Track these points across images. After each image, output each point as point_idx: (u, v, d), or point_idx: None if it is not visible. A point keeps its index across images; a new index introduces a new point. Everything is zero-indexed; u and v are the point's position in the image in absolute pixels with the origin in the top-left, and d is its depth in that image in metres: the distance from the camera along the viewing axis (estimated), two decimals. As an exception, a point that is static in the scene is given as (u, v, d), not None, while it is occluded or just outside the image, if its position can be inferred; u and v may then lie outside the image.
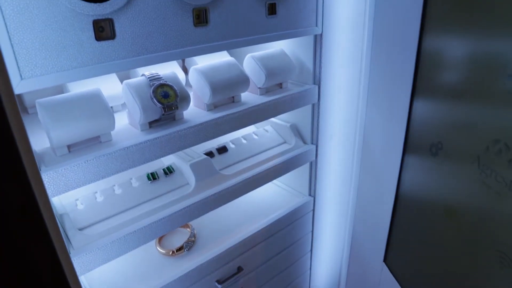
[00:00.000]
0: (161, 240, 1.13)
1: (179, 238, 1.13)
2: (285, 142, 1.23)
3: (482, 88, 0.80)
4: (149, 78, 0.86)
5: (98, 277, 1.00)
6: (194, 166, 0.97)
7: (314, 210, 1.33)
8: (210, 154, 1.06)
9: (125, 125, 0.90)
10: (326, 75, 1.12)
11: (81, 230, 0.83)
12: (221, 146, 1.11)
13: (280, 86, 1.13)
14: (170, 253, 1.06)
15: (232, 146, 1.13)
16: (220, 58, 1.04)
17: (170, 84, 0.87)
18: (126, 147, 0.79)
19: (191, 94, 0.95)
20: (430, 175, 1.02)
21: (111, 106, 0.98)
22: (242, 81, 1.00)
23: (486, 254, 0.87)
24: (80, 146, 0.79)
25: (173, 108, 0.86)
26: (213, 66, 0.98)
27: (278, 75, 1.07)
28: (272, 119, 1.26)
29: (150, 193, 0.93)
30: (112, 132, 0.83)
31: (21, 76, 0.63)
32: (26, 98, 1.01)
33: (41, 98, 0.76)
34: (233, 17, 0.87)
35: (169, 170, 0.98)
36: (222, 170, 1.05)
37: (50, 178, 0.71)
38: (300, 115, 1.21)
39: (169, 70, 0.93)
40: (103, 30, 0.70)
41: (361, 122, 1.22)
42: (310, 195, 1.31)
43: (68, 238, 0.79)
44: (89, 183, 0.76)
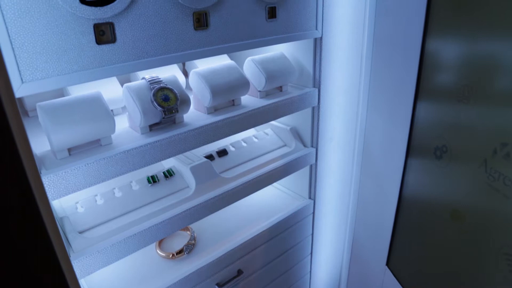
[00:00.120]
0: (161, 243, 1.13)
1: (179, 241, 1.13)
2: (285, 145, 1.23)
3: (489, 90, 0.80)
4: (149, 81, 0.87)
5: (98, 280, 1.00)
6: (194, 169, 0.97)
7: (314, 213, 1.33)
8: (210, 157, 1.06)
9: (125, 128, 0.90)
10: (326, 78, 1.13)
11: (81, 233, 0.83)
12: (221, 149, 1.11)
13: (280, 89, 1.13)
14: (170, 256, 1.06)
15: (232, 149, 1.13)
16: (220, 62, 1.04)
17: (171, 87, 0.87)
18: (127, 150, 0.79)
19: (192, 97, 0.95)
20: (434, 179, 1.01)
21: (112, 109, 0.98)
22: (242, 84, 1.00)
23: (494, 258, 0.86)
24: (80, 149, 0.79)
25: (173, 111, 0.86)
26: (213, 69, 0.98)
27: (278, 78, 1.08)
28: (272, 122, 1.26)
29: (150, 196, 0.94)
30: (112, 135, 0.83)
31: (22, 79, 0.63)
32: (27, 101, 1.02)
33: (41, 102, 0.76)
34: (233, 20, 0.87)
35: (169, 173, 0.98)
36: (222, 173, 1.05)
37: (50, 181, 0.71)
38: (300, 118, 1.21)
39: (169, 73, 0.94)
40: (104, 33, 0.70)
41: (361, 125, 1.22)
42: (310, 198, 1.31)
43: (68, 241, 0.79)
44: (89, 186, 0.76)
